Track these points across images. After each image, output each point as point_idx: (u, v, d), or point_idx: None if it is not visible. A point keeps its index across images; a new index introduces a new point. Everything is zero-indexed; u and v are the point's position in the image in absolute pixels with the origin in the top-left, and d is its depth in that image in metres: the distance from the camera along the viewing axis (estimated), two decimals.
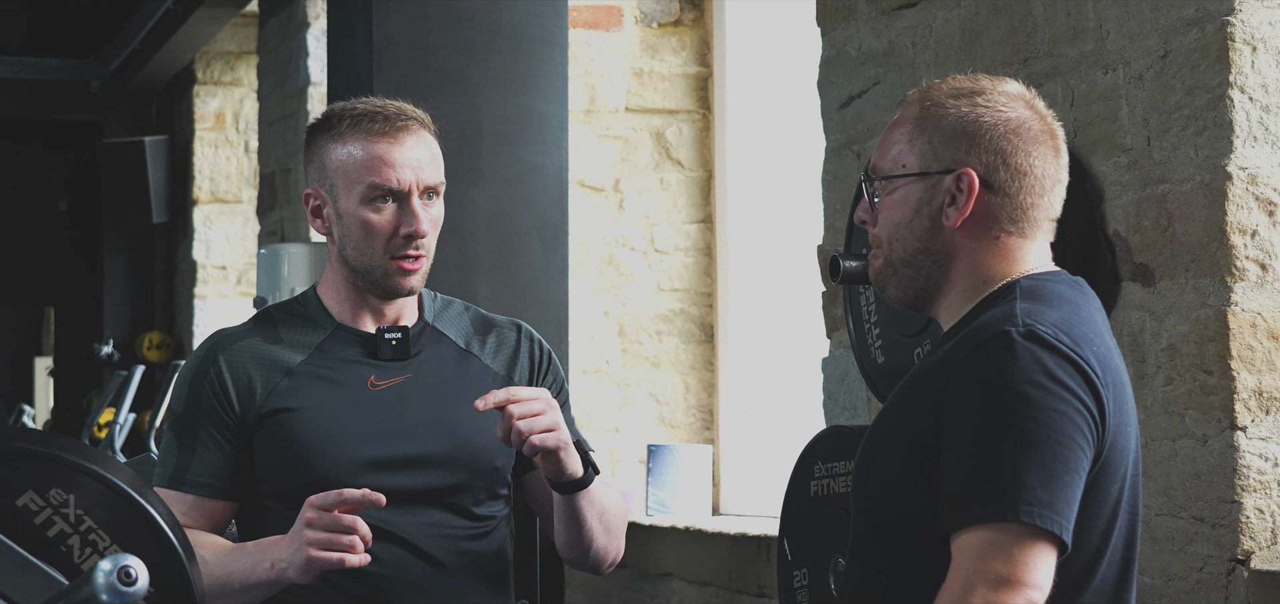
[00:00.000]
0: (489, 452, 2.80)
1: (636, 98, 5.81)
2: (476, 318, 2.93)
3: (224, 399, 2.78)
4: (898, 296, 2.40)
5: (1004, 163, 2.30)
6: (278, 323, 2.85)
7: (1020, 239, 2.33)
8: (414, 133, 2.77)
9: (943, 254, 2.33)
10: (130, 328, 10.00)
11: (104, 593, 1.94)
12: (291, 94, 7.67)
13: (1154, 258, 3.11)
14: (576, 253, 5.59)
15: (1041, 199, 2.33)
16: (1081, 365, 2.17)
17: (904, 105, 2.39)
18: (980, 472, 2.13)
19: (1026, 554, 2.10)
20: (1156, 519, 3.10)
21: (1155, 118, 3.10)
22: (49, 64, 9.71)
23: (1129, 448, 2.26)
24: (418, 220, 2.74)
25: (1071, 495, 2.13)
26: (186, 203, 9.47)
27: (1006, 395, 2.14)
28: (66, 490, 2.32)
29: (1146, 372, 3.12)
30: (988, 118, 2.31)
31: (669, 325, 5.80)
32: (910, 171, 2.33)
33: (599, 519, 2.81)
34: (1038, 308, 2.23)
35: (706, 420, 5.80)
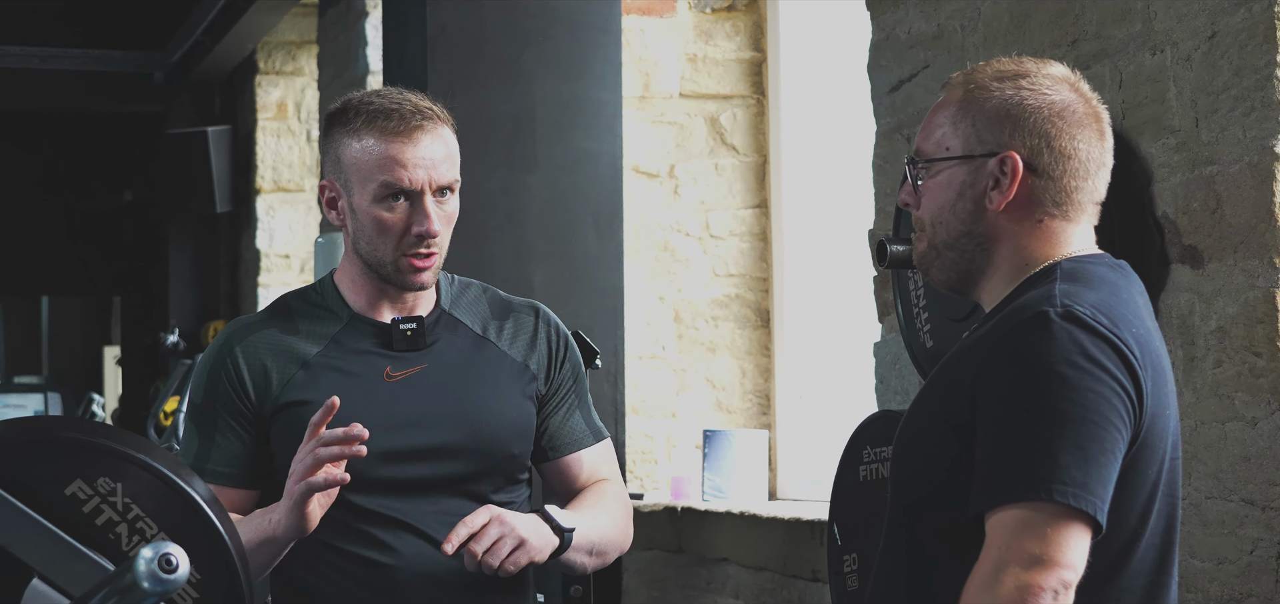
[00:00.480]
0: (506, 439, 2.82)
1: (691, 83, 5.82)
2: (495, 301, 2.93)
3: (240, 389, 2.79)
4: (941, 280, 2.41)
5: (1048, 146, 2.30)
6: (295, 313, 2.86)
7: (1063, 222, 2.32)
8: (429, 131, 2.75)
9: (985, 237, 2.33)
10: (196, 317, 10.07)
11: (145, 580, 1.97)
12: (351, 83, 7.70)
13: (1202, 240, 3.09)
14: (632, 239, 5.60)
15: (1085, 182, 2.32)
16: (1119, 346, 2.17)
17: (948, 88, 2.39)
18: (1014, 451, 2.13)
19: (1060, 534, 2.10)
20: (1206, 502, 3.09)
21: (1203, 99, 3.08)
22: (113, 56, 9.78)
23: (1168, 430, 2.25)
24: (430, 220, 2.74)
25: (1107, 476, 2.13)
26: (250, 192, 9.53)
27: (1042, 375, 2.14)
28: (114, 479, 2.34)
29: (1196, 354, 3.11)
30: (1032, 101, 2.30)
31: (725, 311, 5.80)
32: (954, 154, 2.33)
33: (588, 555, 2.85)
34: (1077, 289, 2.22)
35: (763, 405, 5.80)
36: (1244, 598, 3.02)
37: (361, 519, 2.77)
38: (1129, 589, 2.25)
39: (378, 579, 2.75)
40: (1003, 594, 2.10)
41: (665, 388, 5.78)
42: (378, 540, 2.77)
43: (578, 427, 2.94)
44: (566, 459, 2.93)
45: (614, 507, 2.92)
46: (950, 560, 2.22)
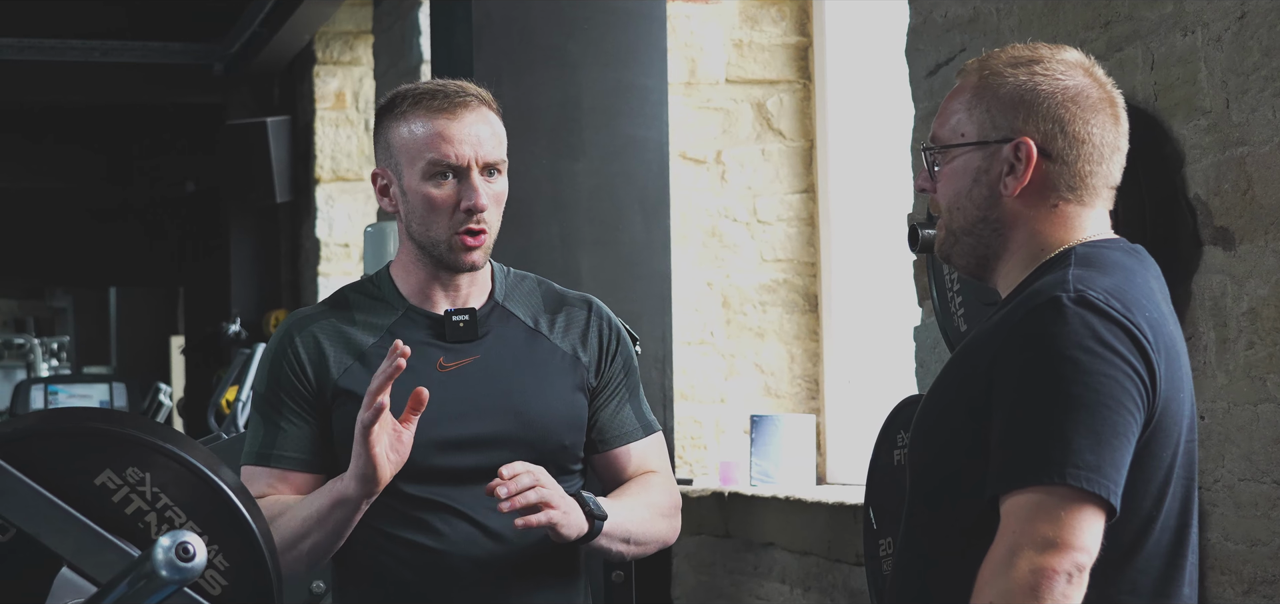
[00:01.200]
0: (557, 430, 2.85)
1: (737, 69, 5.82)
2: (548, 294, 2.96)
3: (302, 375, 2.84)
4: (960, 265, 2.42)
5: (1062, 131, 2.30)
6: (352, 304, 2.90)
7: (1078, 207, 2.33)
8: (474, 109, 2.81)
9: (1001, 222, 2.34)
10: (257, 306, 10.16)
11: (163, 568, 2.01)
12: (405, 73, 7.75)
13: (1234, 221, 3.08)
14: (679, 225, 5.62)
15: (1100, 167, 2.33)
16: (1132, 330, 2.17)
17: (963, 74, 2.40)
18: (1028, 435, 2.14)
19: (1074, 517, 2.11)
20: (1239, 484, 3.08)
21: (1233, 80, 3.07)
22: (173, 48, 9.88)
23: (1182, 414, 2.25)
24: (478, 194, 2.78)
25: (1120, 460, 2.14)
26: (309, 182, 9.59)
27: (1056, 360, 2.15)
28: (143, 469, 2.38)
29: (1229, 336, 3.10)
30: (1046, 86, 2.31)
31: (773, 296, 5.81)
32: (969, 140, 2.34)
33: (624, 543, 2.87)
34: (1091, 274, 2.23)
35: (812, 390, 5.80)
36: (1277, 580, 3.01)
37: (414, 506, 2.81)
38: (1145, 571, 2.25)
39: (429, 564, 2.79)
40: (1017, 577, 2.11)
41: (714, 373, 5.79)
42: (429, 526, 2.80)
43: (627, 420, 2.96)
44: (615, 452, 2.95)
45: (658, 499, 2.94)
46: (968, 546, 2.22)
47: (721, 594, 5.23)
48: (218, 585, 2.42)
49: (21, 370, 17.21)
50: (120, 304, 16.19)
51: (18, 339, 18.47)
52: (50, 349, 17.87)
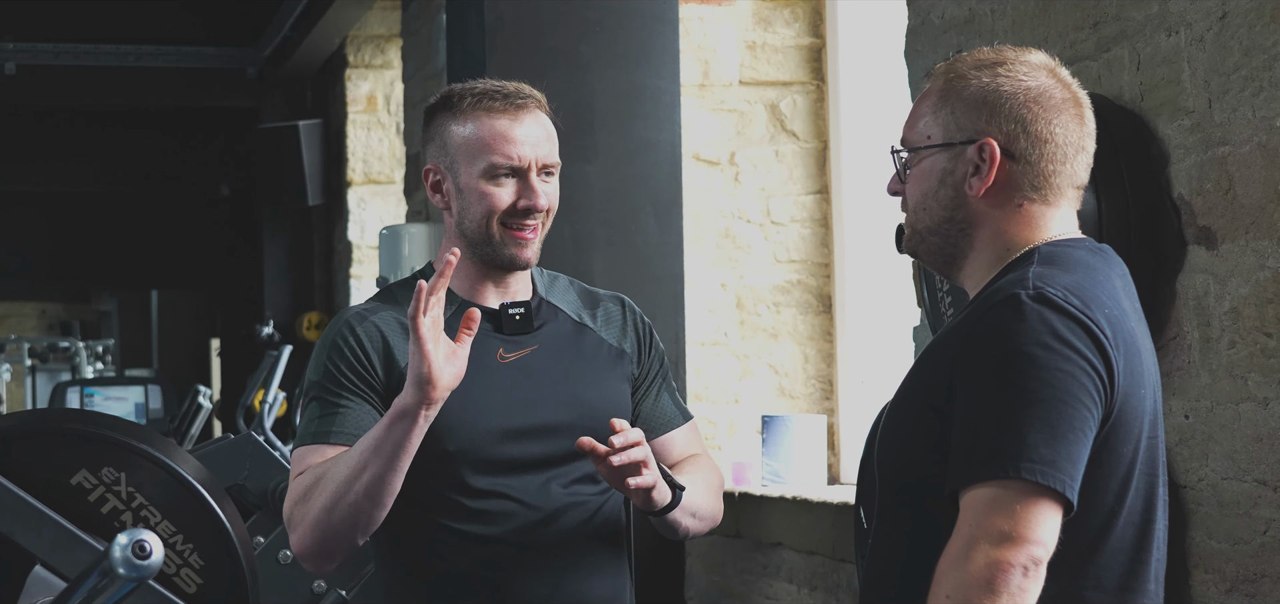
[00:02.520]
0: (610, 416, 2.86)
1: (750, 70, 5.84)
2: (583, 291, 3.04)
3: (365, 362, 2.84)
4: (929, 264, 2.46)
5: (1025, 131, 2.33)
6: (405, 299, 2.90)
7: (1043, 206, 2.35)
8: (532, 112, 2.89)
9: (966, 222, 2.37)
10: (290, 308, 10.24)
11: (121, 566, 2.05)
12: (432, 76, 7.80)
13: (1216, 220, 3.09)
14: (693, 226, 5.64)
15: (1064, 166, 2.35)
16: (1090, 326, 2.19)
17: (932, 78, 2.43)
18: (985, 430, 2.17)
19: (1029, 511, 2.13)
20: (1223, 483, 3.09)
21: (1216, 80, 3.08)
22: (207, 52, 9.97)
23: (1143, 410, 2.27)
24: (537, 195, 2.85)
25: (1076, 454, 2.16)
26: (341, 185, 9.66)
27: (1012, 355, 2.18)
28: (118, 469, 2.43)
29: (1212, 335, 3.10)
30: (1008, 87, 2.34)
31: (787, 297, 5.83)
32: (934, 142, 2.38)
33: (691, 517, 2.93)
34: (1052, 272, 2.25)
35: (826, 390, 5.82)
36: (1259, 578, 3.02)
37: (474, 497, 2.84)
38: (1108, 567, 2.27)
39: (488, 555, 2.83)
40: (973, 570, 2.13)
41: (728, 374, 5.81)
42: (488, 515, 2.84)
43: (668, 408, 3.05)
44: (660, 441, 3.02)
45: (712, 478, 3.04)
46: (937, 543, 2.24)
47: (732, 594, 5.25)
48: (193, 583, 2.47)
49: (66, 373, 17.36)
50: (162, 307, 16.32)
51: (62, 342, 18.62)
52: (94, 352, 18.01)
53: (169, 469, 2.45)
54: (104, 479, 2.42)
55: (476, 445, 2.81)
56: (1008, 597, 2.13)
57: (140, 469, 2.44)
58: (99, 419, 2.51)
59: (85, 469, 2.41)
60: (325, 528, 2.71)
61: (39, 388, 18.05)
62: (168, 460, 2.44)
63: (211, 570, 2.46)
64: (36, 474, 2.39)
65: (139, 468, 2.44)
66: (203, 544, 2.44)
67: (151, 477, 2.44)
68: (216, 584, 2.47)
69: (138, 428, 2.53)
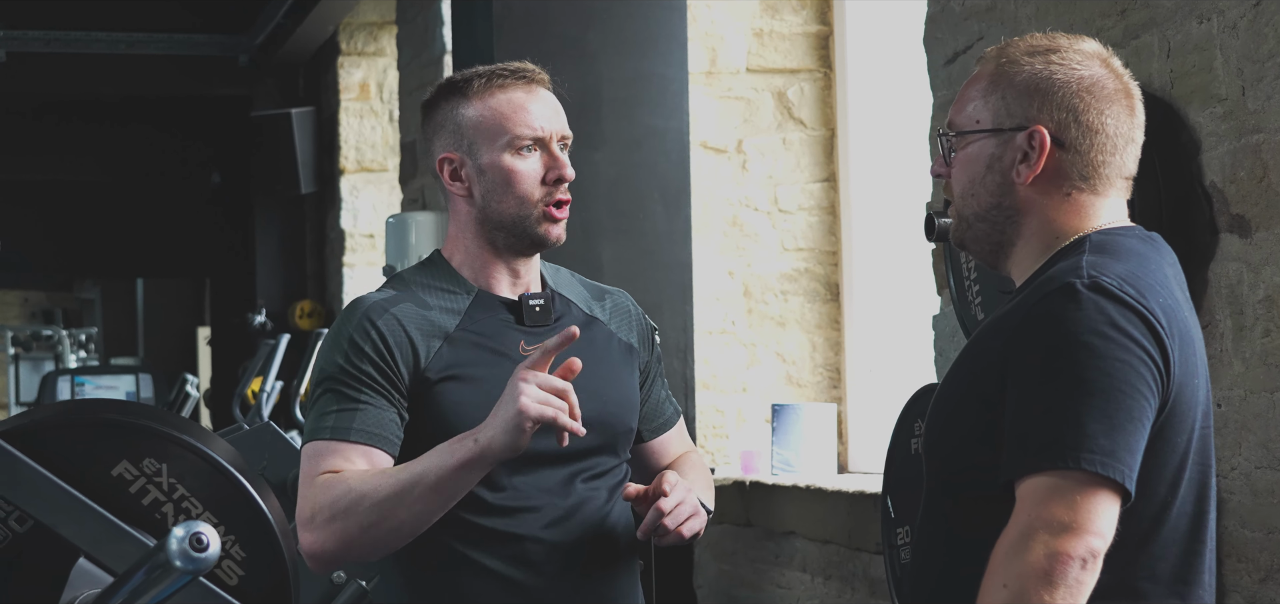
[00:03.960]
0: (625, 413, 2.88)
1: (757, 58, 5.82)
2: (587, 284, 2.99)
3: (388, 358, 2.76)
4: (974, 252, 2.44)
5: (1076, 120, 2.31)
6: (420, 288, 2.85)
7: (1092, 196, 2.33)
8: (545, 88, 2.86)
9: (1014, 210, 2.35)
10: (282, 297, 10.19)
11: (177, 558, 2.01)
12: (429, 63, 7.77)
13: (1250, 208, 3.08)
14: (700, 215, 5.62)
15: (1114, 157, 2.33)
16: (1146, 316, 2.18)
17: (982, 62, 2.41)
18: (1043, 419, 2.15)
19: (1088, 501, 2.11)
20: (1256, 472, 3.08)
21: (1249, 67, 3.07)
22: (199, 40, 9.92)
23: (1197, 401, 2.25)
24: (564, 164, 2.81)
25: (1134, 445, 2.14)
26: (333, 173, 9.62)
27: (1070, 345, 2.16)
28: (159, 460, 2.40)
29: (1245, 324, 3.10)
30: (1061, 75, 2.32)
31: (794, 285, 5.81)
32: (984, 127, 2.35)
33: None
34: (1105, 260, 2.24)
35: (834, 379, 5.81)
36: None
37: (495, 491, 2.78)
38: (1162, 557, 2.25)
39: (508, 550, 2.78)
40: (1031, 560, 2.11)
41: (735, 362, 5.79)
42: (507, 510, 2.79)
43: (666, 405, 3.03)
44: (660, 441, 3.01)
45: (706, 475, 3.02)
46: (986, 534, 2.23)
47: (744, 583, 5.24)
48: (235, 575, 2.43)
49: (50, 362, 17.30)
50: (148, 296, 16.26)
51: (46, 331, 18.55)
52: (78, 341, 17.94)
53: (210, 460, 2.41)
54: (145, 470, 2.39)
55: None
56: (1065, 588, 2.11)
57: (181, 460, 2.40)
58: (139, 410, 2.47)
59: (126, 460, 2.38)
60: (355, 543, 2.68)
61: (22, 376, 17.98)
62: (209, 451, 2.41)
63: (253, 562, 2.43)
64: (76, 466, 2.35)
65: (180, 459, 2.40)
66: (244, 535, 2.41)
67: (192, 467, 2.41)
68: (258, 576, 2.44)
69: (177, 418, 2.49)
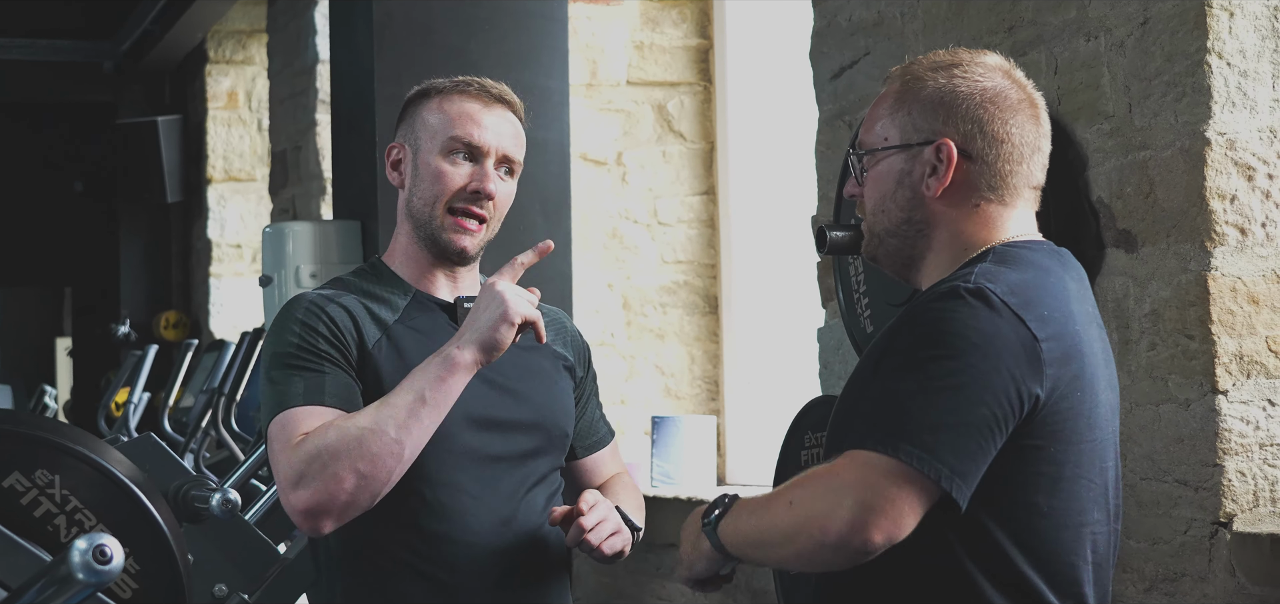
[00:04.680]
0: (562, 420, 2.88)
1: (638, 71, 5.83)
2: None
3: (339, 337, 2.78)
4: (886, 267, 2.46)
5: (981, 132, 2.34)
6: (360, 287, 2.87)
7: (1000, 207, 2.36)
8: (504, 109, 2.85)
9: (924, 223, 2.37)
10: (147, 307, 10.04)
11: (80, 571, 1.97)
12: (301, 72, 7.69)
13: (1136, 224, 3.13)
14: (580, 227, 5.61)
15: (1021, 166, 2.36)
16: (1020, 327, 2.19)
17: (888, 81, 2.44)
18: (889, 404, 2.18)
19: (900, 493, 2.14)
20: (1141, 483, 3.13)
21: (1136, 85, 3.12)
22: (62, 46, 9.75)
23: (1089, 416, 2.26)
24: (488, 179, 2.79)
25: (973, 451, 2.16)
26: (201, 182, 9.50)
27: (937, 342, 2.18)
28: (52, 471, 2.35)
29: (1131, 337, 3.14)
30: (964, 88, 2.35)
31: (673, 297, 5.82)
32: (892, 144, 2.38)
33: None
34: (999, 270, 2.25)
35: (712, 391, 5.82)
36: (1179, 577, 3.06)
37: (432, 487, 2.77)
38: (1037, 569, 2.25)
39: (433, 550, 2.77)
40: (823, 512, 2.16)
41: (614, 375, 5.79)
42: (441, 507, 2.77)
43: (601, 424, 3.04)
44: (592, 459, 3.01)
45: (638, 497, 3.02)
46: None
47: (623, 595, 5.23)
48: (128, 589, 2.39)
49: None
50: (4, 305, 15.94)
51: None
52: None
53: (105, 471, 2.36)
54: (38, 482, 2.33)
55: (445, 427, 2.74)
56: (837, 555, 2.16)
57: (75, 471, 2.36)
58: (31, 420, 2.42)
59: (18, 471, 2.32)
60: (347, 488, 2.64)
61: None
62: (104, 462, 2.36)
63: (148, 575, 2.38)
64: None
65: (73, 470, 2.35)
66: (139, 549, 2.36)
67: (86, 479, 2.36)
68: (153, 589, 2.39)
69: (71, 429, 2.44)
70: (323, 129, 7.37)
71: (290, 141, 7.83)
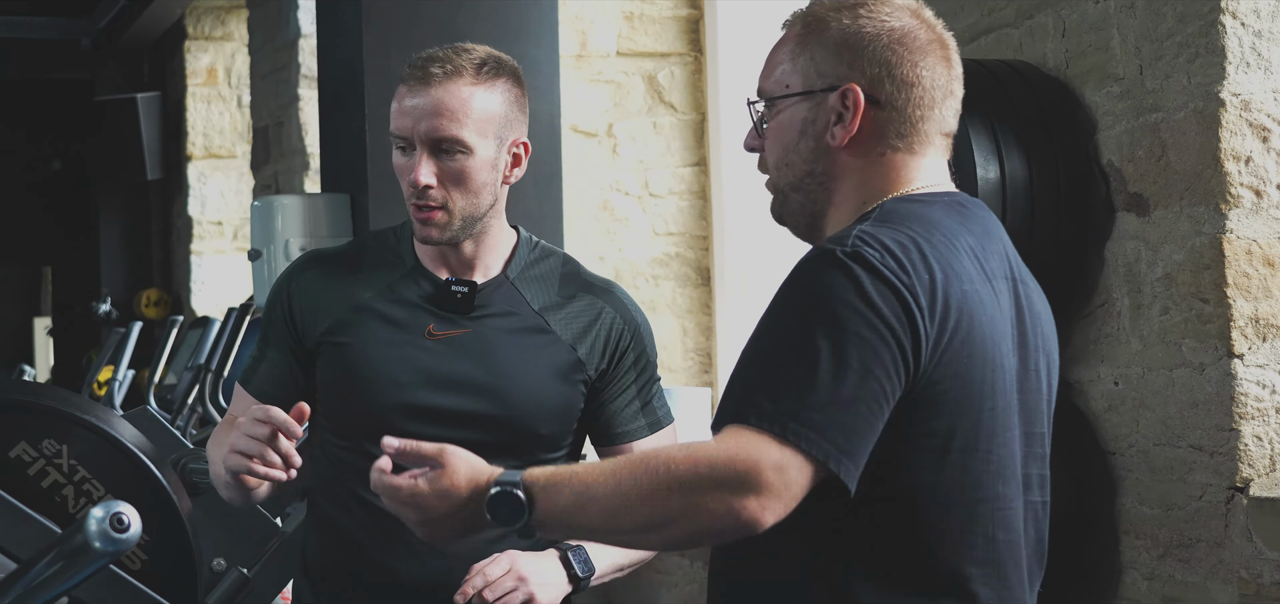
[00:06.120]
0: (536, 419, 2.77)
1: (628, 41, 5.79)
2: (568, 278, 2.85)
3: (290, 321, 2.81)
4: (793, 227, 2.27)
5: (889, 75, 2.16)
6: (366, 251, 2.86)
7: (907, 156, 2.18)
8: (439, 82, 2.70)
9: (827, 175, 2.19)
10: (127, 285, 9.98)
11: (97, 540, 1.94)
12: (282, 47, 7.63)
13: (1148, 187, 3.10)
14: (571, 199, 5.57)
15: (932, 111, 2.18)
16: (902, 292, 2.03)
17: (789, 23, 2.25)
18: (771, 377, 2.02)
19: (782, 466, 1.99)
20: (1155, 449, 3.10)
21: (1147, 46, 3.09)
22: (39, 23, 9.67)
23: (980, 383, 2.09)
24: (415, 171, 2.69)
25: (856, 425, 2.01)
26: (180, 159, 9.44)
27: (811, 310, 2.02)
28: (59, 441, 2.32)
29: (1143, 302, 3.12)
30: (870, 29, 2.17)
31: (665, 270, 5.79)
32: (794, 91, 2.19)
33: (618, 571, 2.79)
34: (881, 230, 2.08)
35: (705, 363, 5.79)
36: (1193, 543, 3.04)
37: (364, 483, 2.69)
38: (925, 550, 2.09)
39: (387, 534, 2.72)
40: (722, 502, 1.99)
41: None
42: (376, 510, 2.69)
43: (632, 416, 2.86)
44: (618, 449, 2.86)
45: None
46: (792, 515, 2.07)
47: None
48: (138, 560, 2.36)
49: None
50: None
51: None
52: None
53: (113, 441, 2.33)
54: (45, 452, 2.30)
55: (380, 415, 2.68)
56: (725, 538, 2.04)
57: (82, 441, 2.33)
58: (38, 389, 2.39)
59: (25, 441, 2.29)
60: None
61: None
62: (113, 432, 2.33)
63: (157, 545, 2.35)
64: None
65: (80, 439, 2.33)
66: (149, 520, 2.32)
67: (93, 448, 2.33)
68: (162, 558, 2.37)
69: (76, 398, 2.41)
70: (306, 104, 7.32)
71: (272, 117, 7.77)
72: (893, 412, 2.02)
